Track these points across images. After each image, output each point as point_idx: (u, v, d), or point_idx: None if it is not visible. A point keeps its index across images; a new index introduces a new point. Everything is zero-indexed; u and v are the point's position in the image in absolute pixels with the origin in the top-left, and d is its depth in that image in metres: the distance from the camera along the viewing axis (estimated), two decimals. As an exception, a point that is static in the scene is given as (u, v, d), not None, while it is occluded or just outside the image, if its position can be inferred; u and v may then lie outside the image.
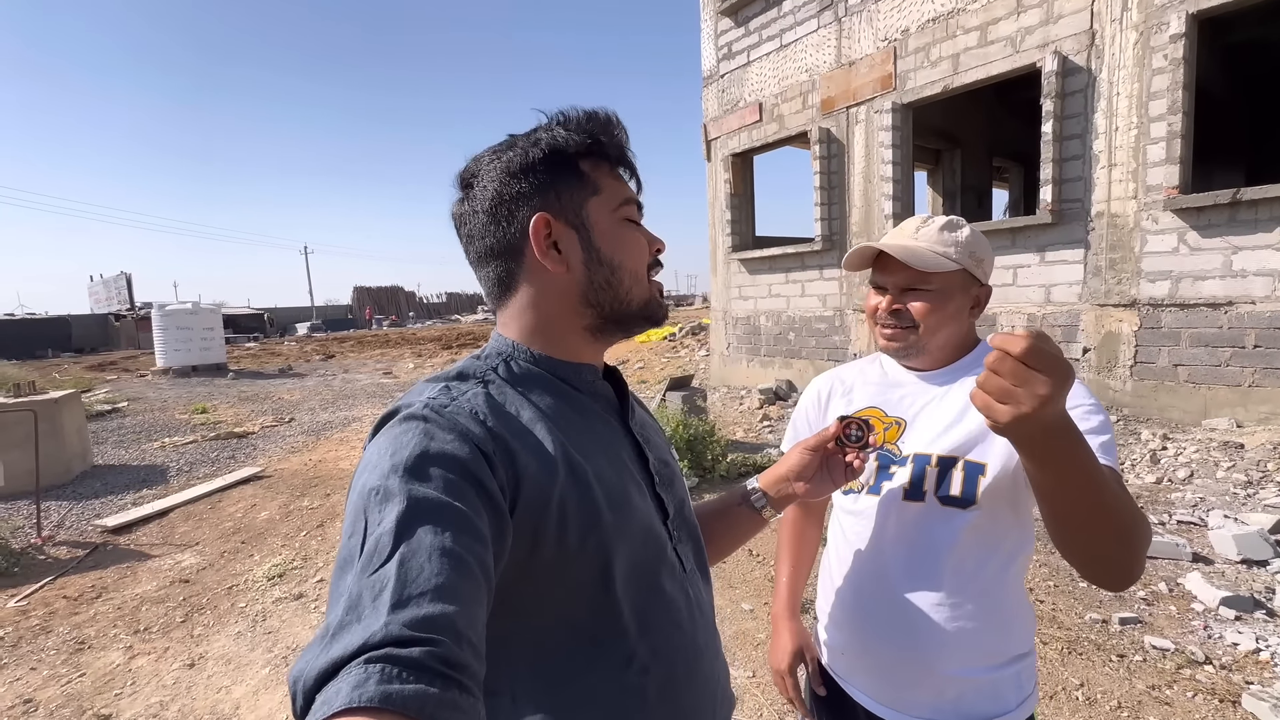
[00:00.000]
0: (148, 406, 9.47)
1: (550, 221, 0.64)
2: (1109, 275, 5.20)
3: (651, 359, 11.29)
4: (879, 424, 0.99)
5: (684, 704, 0.66)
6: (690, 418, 4.75)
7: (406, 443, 0.52)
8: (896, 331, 0.97)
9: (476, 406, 0.58)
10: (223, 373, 14.06)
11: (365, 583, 0.42)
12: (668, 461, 0.76)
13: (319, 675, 0.38)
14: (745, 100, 8.15)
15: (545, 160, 0.64)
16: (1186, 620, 2.49)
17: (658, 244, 0.71)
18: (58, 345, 24.41)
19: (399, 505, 0.47)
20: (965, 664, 0.90)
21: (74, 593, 3.38)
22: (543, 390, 0.65)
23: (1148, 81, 4.84)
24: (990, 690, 0.91)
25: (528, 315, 0.67)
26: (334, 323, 39.55)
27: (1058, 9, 5.26)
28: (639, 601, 0.63)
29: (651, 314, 0.70)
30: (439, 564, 0.44)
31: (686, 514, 0.75)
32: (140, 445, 6.97)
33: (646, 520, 0.66)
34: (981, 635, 0.90)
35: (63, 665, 2.67)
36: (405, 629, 0.39)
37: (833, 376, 1.14)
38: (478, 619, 0.44)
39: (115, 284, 33.26)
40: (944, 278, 0.94)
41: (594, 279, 0.66)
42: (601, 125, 0.66)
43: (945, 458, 0.92)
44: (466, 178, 0.68)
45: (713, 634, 0.73)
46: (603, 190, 0.67)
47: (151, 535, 4.28)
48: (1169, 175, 4.76)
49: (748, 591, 2.93)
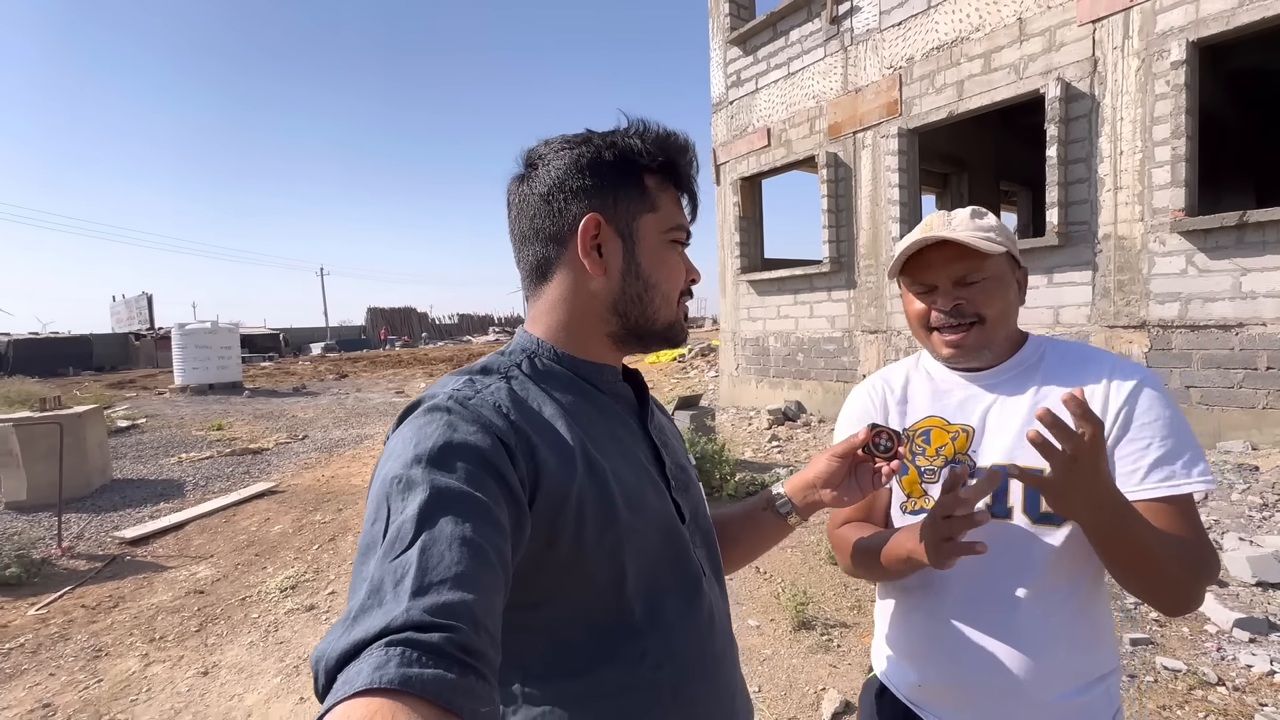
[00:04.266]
0: (165, 423, 9.64)
1: (601, 224, 0.65)
2: (1117, 297, 5.21)
3: (661, 379, 11.34)
4: (943, 435, 0.92)
5: (700, 709, 0.65)
6: (699, 437, 4.78)
7: (430, 433, 0.52)
8: (961, 332, 0.88)
9: (500, 400, 0.59)
10: (238, 391, 14.27)
11: (387, 568, 0.43)
12: (684, 466, 0.75)
13: (341, 656, 0.38)
14: (754, 126, 8.32)
15: (614, 164, 0.65)
16: (1199, 642, 2.46)
17: (695, 274, 0.72)
18: (79, 363, 24.91)
19: (422, 494, 0.47)
20: (1060, 689, 0.83)
21: (92, 602, 3.44)
22: (565, 388, 0.66)
23: (1151, 106, 4.91)
24: (1081, 714, 0.84)
25: (556, 312, 0.68)
26: (348, 343, 40.05)
27: (1060, 37, 5.37)
28: (654, 601, 0.63)
29: (673, 336, 0.71)
30: (459, 553, 0.44)
31: (702, 519, 0.75)
32: (158, 460, 7.10)
33: (664, 521, 0.66)
34: (1075, 656, 0.85)
35: (80, 672, 2.72)
36: (426, 614, 0.40)
37: (878, 383, 1.03)
38: (495, 608, 0.45)
39: (136, 304, 34.02)
40: (996, 262, 0.87)
41: (627, 290, 0.67)
42: (677, 148, 0.68)
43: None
44: (532, 158, 0.68)
45: (730, 642, 0.72)
46: (660, 209, 0.67)
47: (168, 547, 4.35)
48: (1175, 198, 4.80)
49: (755, 608, 2.94)
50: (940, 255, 0.88)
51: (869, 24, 6.83)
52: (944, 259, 0.88)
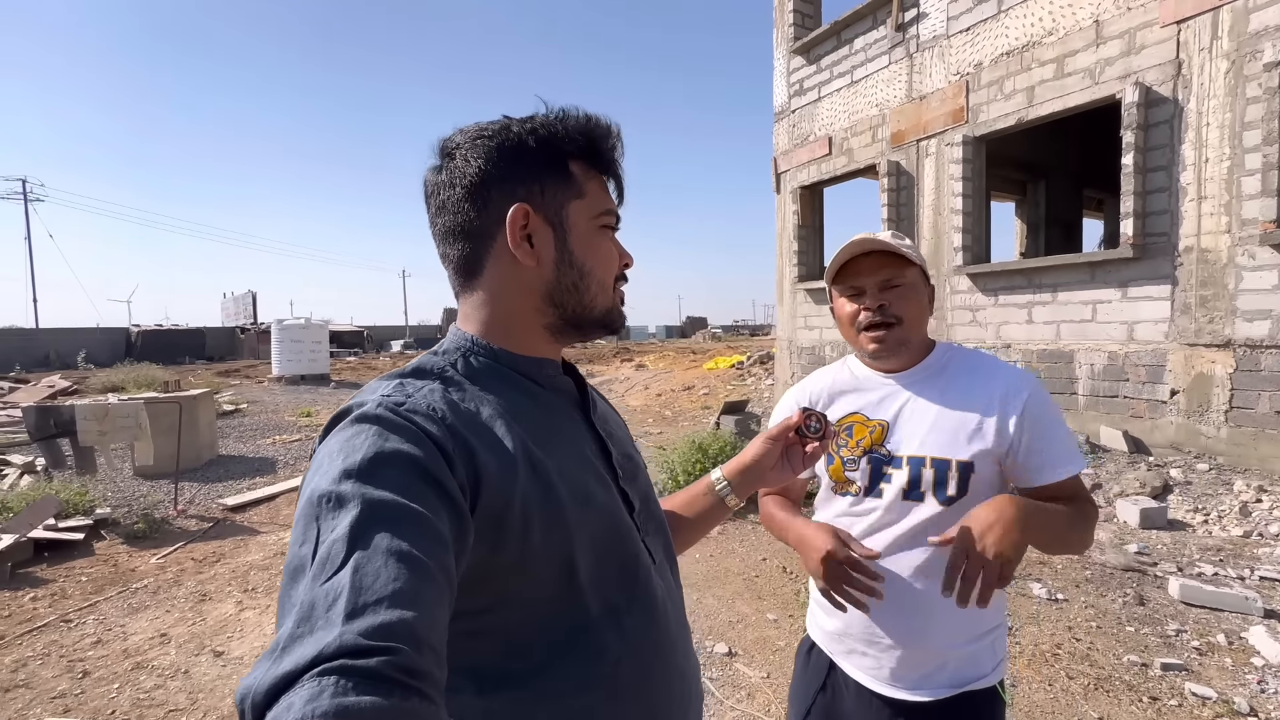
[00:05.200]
0: (263, 408, 10.71)
1: (529, 214, 0.63)
2: (1199, 313, 4.88)
3: (718, 385, 11.42)
4: (863, 429, 1.06)
5: (656, 697, 0.65)
6: (741, 440, 4.90)
7: (359, 445, 0.50)
8: (886, 332, 1.03)
9: (433, 403, 0.56)
10: (326, 382, 15.55)
11: (318, 592, 0.40)
12: (631, 455, 0.75)
13: (269, 690, 0.35)
14: (815, 134, 8.30)
15: (537, 151, 0.63)
16: (1240, 673, 2.37)
17: (627, 259, 0.72)
18: (194, 353, 27.82)
19: (353, 509, 0.45)
20: (955, 639, 1.00)
21: (200, 556, 4.01)
22: (503, 386, 0.64)
23: (1241, 111, 4.60)
24: (971, 659, 1.01)
25: (489, 307, 0.66)
26: (425, 341, 42.28)
27: (1140, 40, 5.12)
28: (609, 594, 0.62)
29: (610, 322, 0.70)
30: (395, 569, 0.42)
31: (653, 507, 0.75)
32: (256, 440, 7.94)
33: (612, 514, 0.65)
34: (968, 614, 0.95)
35: (189, 611, 3.22)
36: (361, 638, 0.37)
37: (804, 388, 1.20)
38: (439, 623, 0.43)
39: (243, 300, 37.52)
40: (914, 272, 1.04)
41: (562, 280, 0.65)
42: (601, 132, 0.66)
43: (939, 460, 0.99)
44: (449, 148, 0.65)
45: (683, 626, 0.72)
46: (587, 195, 0.66)
47: (261, 515, 4.95)
48: (1266, 208, 4.47)
49: (775, 604, 3.05)
50: (869, 264, 1.04)
51: (936, 30, 6.71)
52: (871, 266, 1.04)
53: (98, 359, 22.22)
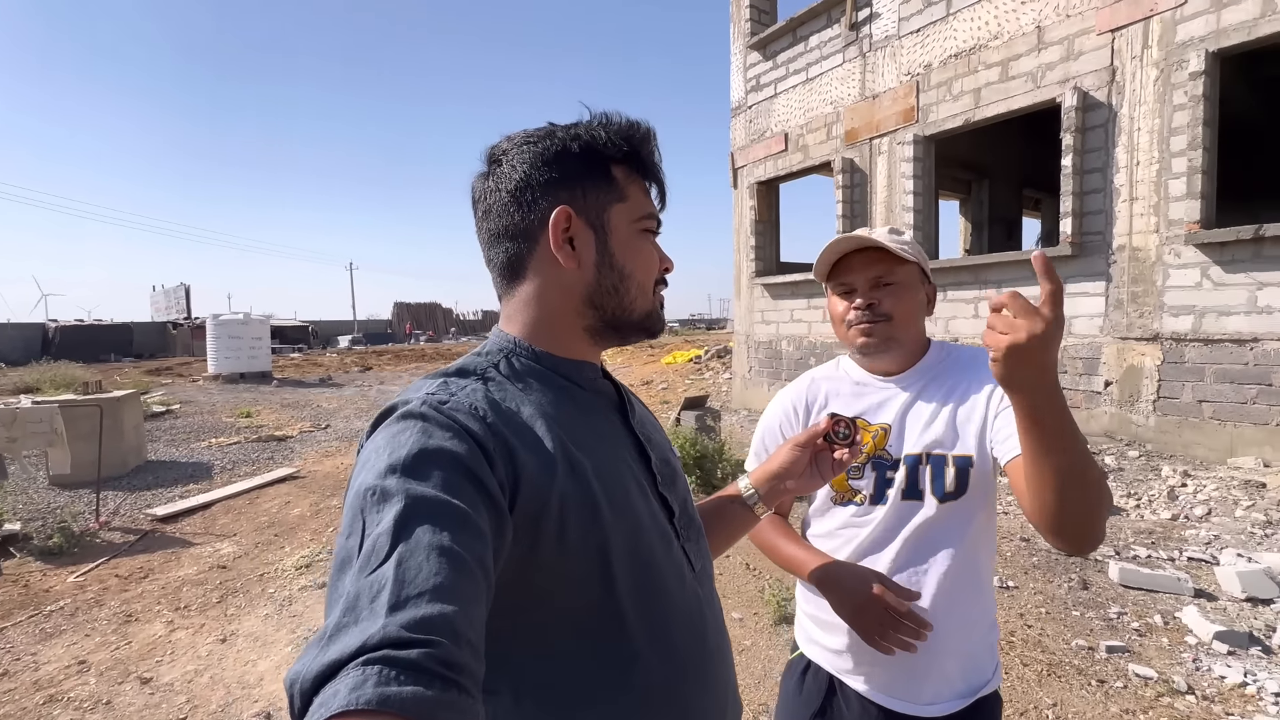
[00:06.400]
0: (198, 409, 10.08)
1: (571, 216, 0.64)
2: (1131, 308, 5.16)
3: (676, 380, 11.44)
4: (865, 434, 1.02)
5: (693, 708, 0.64)
6: (701, 436, 4.88)
7: (404, 441, 0.51)
8: (872, 326, 1.00)
9: (476, 402, 0.57)
10: (267, 380, 14.78)
11: (363, 584, 0.42)
12: (669, 460, 0.75)
13: (316, 677, 0.37)
14: (771, 130, 8.37)
15: (580, 156, 0.65)
16: (1176, 652, 2.49)
17: (667, 263, 0.72)
18: (120, 350, 26.00)
19: (397, 504, 0.46)
20: (956, 640, 0.97)
21: (125, 572, 3.70)
22: (544, 387, 0.64)
23: (1169, 117, 4.86)
24: (973, 662, 0.99)
25: (531, 309, 0.67)
26: (374, 336, 40.89)
27: (1078, 46, 5.34)
28: (645, 601, 0.61)
29: (651, 326, 0.70)
30: (437, 564, 0.43)
31: (691, 513, 0.74)
32: (189, 444, 7.45)
33: (649, 519, 0.65)
34: (970, 613, 0.99)
35: (112, 634, 2.95)
36: (403, 630, 0.39)
37: (801, 389, 1.13)
38: (477, 619, 0.44)
39: (175, 294, 35.34)
40: (907, 270, 1.01)
41: (602, 282, 0.66)
42: (641, 137, 0.67)
43: (935, 456, 0.97)
44: (495, 154, 0.67)
45: (723, 636, 0.71)
46: (628, 199, 0.67)
47: (195, 525, 4.62)
48: (1190, 210, 4.75)
49: (740, 601, 3.04)
50: (861, 260, 1.02)
51: (888, 31, 6.85)
52: (863, 263, 1.01)
53: (9, 357, 20.52)
